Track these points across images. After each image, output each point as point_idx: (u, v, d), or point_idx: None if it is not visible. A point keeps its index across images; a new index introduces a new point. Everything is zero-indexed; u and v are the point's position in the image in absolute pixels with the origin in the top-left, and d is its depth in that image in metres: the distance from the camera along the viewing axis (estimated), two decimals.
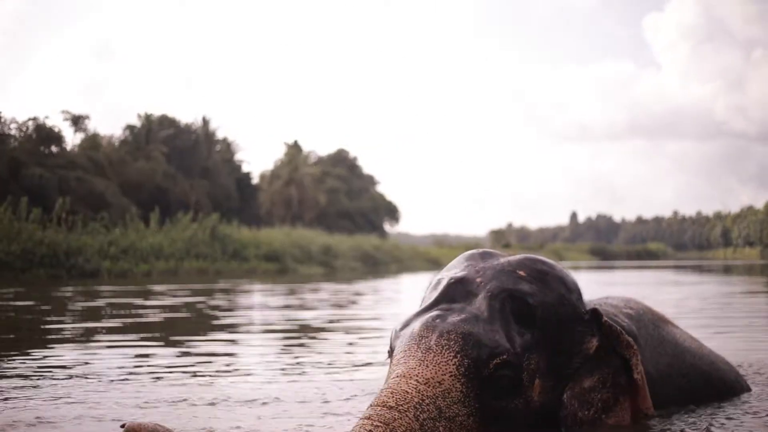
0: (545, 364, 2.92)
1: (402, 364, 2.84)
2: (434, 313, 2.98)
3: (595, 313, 3.08)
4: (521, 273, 3.07)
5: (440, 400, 2.72)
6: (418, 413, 2.67)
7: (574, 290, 3.13)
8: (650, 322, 3.55)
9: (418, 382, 2.75)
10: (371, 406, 2.71)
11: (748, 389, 3.89)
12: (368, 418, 2.65)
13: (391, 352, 3.01)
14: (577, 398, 2.98)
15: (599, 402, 3.02)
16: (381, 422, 2.63)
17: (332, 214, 57.18)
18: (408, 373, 2.79)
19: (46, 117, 37.21)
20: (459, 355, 2.78)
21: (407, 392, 2.72)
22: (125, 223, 29.38)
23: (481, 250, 3.33)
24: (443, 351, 2.80)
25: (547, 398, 2.93)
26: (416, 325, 2.95)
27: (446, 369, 2.77)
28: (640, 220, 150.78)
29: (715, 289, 15.96)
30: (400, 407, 2.67)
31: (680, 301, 12.03)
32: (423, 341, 2.86)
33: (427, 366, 2.79)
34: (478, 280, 3.06)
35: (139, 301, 12.32)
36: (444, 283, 3.12)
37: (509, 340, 2.86)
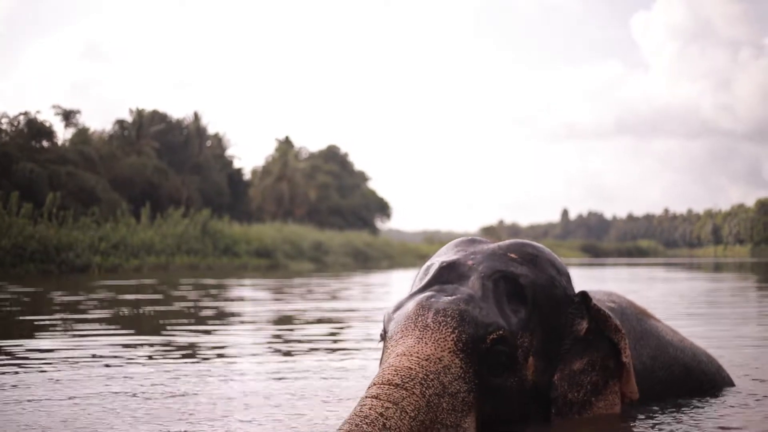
0: (538, 344, 2.96)
1: (401, 344, 2.86)
2: (428, 293, 3.01)
3: (584, 296, 3.13)
4: (512, 255, 3.12)
5: (443, 376, 2.74)
6: (424, 389, 2.69)
7: (563, 273, 3.18)
8: (633, 315, 3.58)
9: (419, 358, 2.77)
10: (376, 384, 2.71)
11: (731, 382, 3.92)
12: (376, 398, 2.66)
13: (384, 335, 3.03)
14: (567, 380, 3.02)
15: (588, 384, 3.06)
16: (390, 402, 2.64)
17: (323, 210, 57.15)
18: (408, 351, 2.81)
19: (38, 112, 37.11)
20: (456, 331, 2.81)
21: (411, 369, 2.74)
22: (116, 219, 29.31)
23: (469, 237, 3.38)
24: (441, 328, 2.83)
25: (540, 379, 2.97)
26: (410, 305, 2.97)
27: (445, 345, 2.80)
28: (630, 218, 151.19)
29: (705, 286, 16.03)
30: (407, 385, 2.69)
31: (665, 297, 12.10)
32: (419, 320, 2.89)
33: (426, 343, 2.82)
34: (470, 263, 3.10)
35: (126, 296, 12.30)
36: (435, 267, 3.15)
37: (504, 317, 2.90)
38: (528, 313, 2.97)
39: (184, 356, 5.29)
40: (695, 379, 3.68)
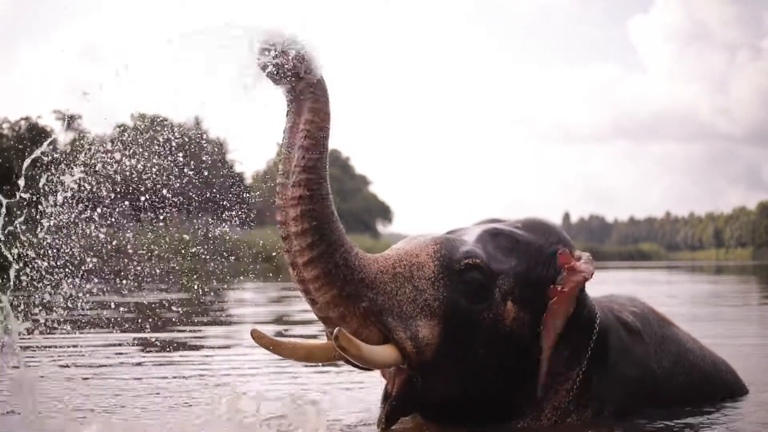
0: (522, 295, 3.05)
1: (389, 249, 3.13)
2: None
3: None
4: (518, 224, 3.29)
5: (414, 268, 2.96)
6: (396, 264, 2.95)
7: (568, 245, 3.24)
8: (655, 321, 3.61)
9: (398, 249, 3.05)
10: None
11: (746, 391, 3.93)
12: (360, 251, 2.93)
13: None
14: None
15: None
16: (369, 255, 2.93)
17: None
18: (393, 247, 3.12)
19: (38, 117, 37.11)
20: (438, 245, 3.04)
21: (389, 254, 3.01)
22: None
23: (492, 217, 3.54)
24: (425, 240, 3.08)
25: (523, 331, 3.04)
26: (406, 238, 3.22)
27: (424, 249, 3.02)
28: (632, 221, 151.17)
29: (707, 289, 16.01)
30: (383, 255, 3.00)
31: (667, 299, 12.08)
32: (414, 238, 3.15)
33: (409, 244, 3.07)
34: (478, 227, 3.30)
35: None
36: (447, 231, 3.36)
37: (487, 256, 3.06)
38: (515, 265, 3.09)
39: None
40: (713, 385, 3.70)
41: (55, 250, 3.44)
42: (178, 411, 3.62)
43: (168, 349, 5.80)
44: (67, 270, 3.50)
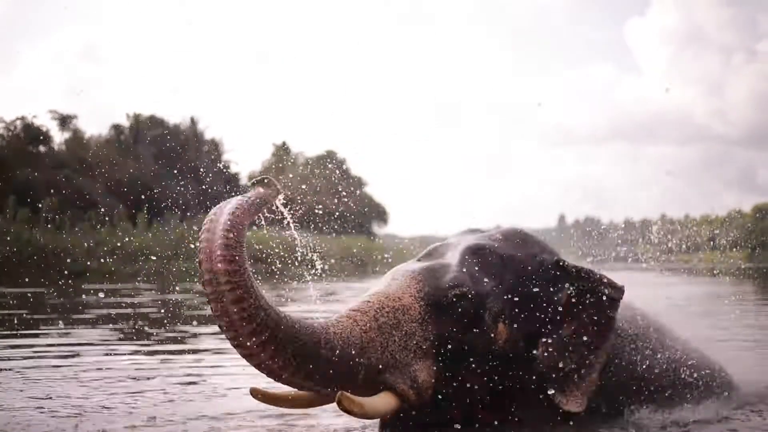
0: (510, 312, 3.01)
1: (370, 290, 3.04)
2: (411, 262, 3.22)
3: (558, 263, 3.18)
4: (498, 236, 3.25)
5: (399, 313, 2.89)
6: (378, 315, 2.85)
7: (548, 251, 3.26)
8: (646, 323, 3.62)
9: (379, 295, 2.95)
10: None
11: (738, 388, 3.98)
12: (335, 318, 2.85)
13: None
14: (556, 348, 3.04)
15: (582, 346, 3.08)
16: (345, 316, 2.83)
17: (320, 214, 56.99)
18: (373, 291, 3.00)
19: (34, 117, 37.03)
20: (420, 283, 2.97)
21: (369, 302, 2.92)
22: (113, 224, 29.24)
23: (472, 228, 3.50)
24: (406, 279, 3.00)
25: (517, 349, 3.01)
26: (389, 272, 3.17)
27: (407, 290, 2.95)
28: (628, 223, 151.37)
29: (701, 290, 16.03)
30: (362, 308, 2.88)
31: (660, 300, 12.07)
32: (391, 276, 3.08)
33: (390, 287, 2.99)
34: (459, 243, 3.24)
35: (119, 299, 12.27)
36: (431, 247, 3.34)
37: (473, 281, 2.99)
38: (501, 283, 3.04)
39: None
40: (705, 386, 3.72)
41: None
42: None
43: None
44: None
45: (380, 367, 2.78)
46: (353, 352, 2.74)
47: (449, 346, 2.90)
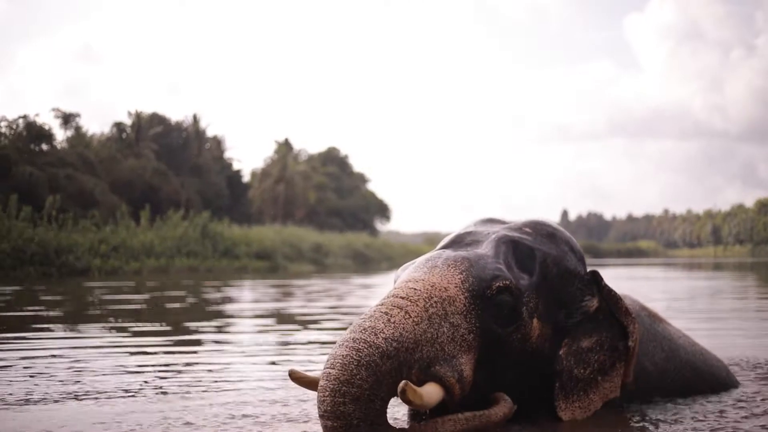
0: (543, 309, 3.01)
1: (408, 275, 2.97)
2: (439, 249, 3.14)
3: (594, 274, 3.18)
4: (527, 230, 3.23)
5: (446, 304, 2.83)
6: (428, 306, 2.80)
7: (577, 252, 3.26)
8: (646, 317, 3.63)
9: (425, 283, 2.87)
10: (380, 302, 2.82)
11: (738, 385, 3.97)
12: (381, 305, 2.79)
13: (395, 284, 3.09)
14: (574, 356, 3.06)
15: (596, 363, 3.09)
16: (395, 306, 2.76)
17: (323, 212, 57.08)
18: (415, 278, 2.92)
19: (37, 115, 37.04)
20: (464, 273, 2.91)
21: (416, 289, 2.85)
22: (116, 221, 29.28)
23: (490, 216, 3.47)
24: (449, 268, 2.93)
25: (543, 346, 3.01)
26: (421, 258, 3.10)
27: (452, 280, 2.89)
28: (630, 218, 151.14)
29: (704, 285, 16.04)
30: (411, 297, 2.81)
31: (662, 294, 12.11)
32: (429, 263, 3.00)
33: (434, 275, 2.91)
34: (486, 232, 3.20)
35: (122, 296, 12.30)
36: (453, 234, 3.28)
37: (512, 273, 2.98)
38: (536, 279, 3.03)
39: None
40: (704, 381, 3.74)
41: None
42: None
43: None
44: None
45: (432, 358, 2.75)
46: (408, 344, 2.70)
47: (490, 341, 2.87)
